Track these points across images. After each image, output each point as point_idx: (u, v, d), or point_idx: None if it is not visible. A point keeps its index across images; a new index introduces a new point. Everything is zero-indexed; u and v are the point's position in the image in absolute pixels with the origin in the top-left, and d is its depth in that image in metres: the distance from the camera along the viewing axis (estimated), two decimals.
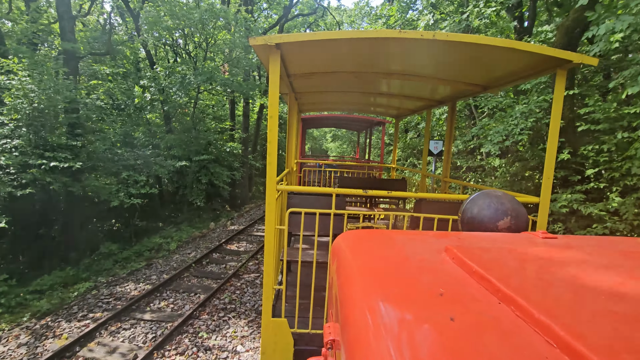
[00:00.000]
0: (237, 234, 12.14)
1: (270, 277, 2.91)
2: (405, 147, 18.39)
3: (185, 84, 13.91)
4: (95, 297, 7.25)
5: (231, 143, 17.32)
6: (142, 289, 7.65)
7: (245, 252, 10.34)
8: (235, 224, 14.28)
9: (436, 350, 0.60)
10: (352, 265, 1.04)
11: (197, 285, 7.90)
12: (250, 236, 12.24)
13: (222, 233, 12.74)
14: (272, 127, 2.76)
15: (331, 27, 24.73)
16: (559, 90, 2.88)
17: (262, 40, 2.53)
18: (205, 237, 12.36)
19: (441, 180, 5.60)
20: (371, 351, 0.60)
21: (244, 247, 10.88)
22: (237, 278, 8.34)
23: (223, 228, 13.57)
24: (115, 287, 7.83)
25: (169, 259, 9.90)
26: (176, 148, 14.74)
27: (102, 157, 10.62)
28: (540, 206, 2.98)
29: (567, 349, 0.53)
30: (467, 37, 2.73)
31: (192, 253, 10.30)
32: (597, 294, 0.74)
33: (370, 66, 3.80)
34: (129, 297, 7.26)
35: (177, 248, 11.15)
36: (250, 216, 15.87)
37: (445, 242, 1.14)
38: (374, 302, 0.76)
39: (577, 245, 1.20)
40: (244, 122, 19.57)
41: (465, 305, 0.74)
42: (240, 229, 12.82)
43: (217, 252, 10.22)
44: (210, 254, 9.93)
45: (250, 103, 20.74)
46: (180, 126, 15.78)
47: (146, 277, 8.41)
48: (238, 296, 7.42)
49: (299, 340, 2.93)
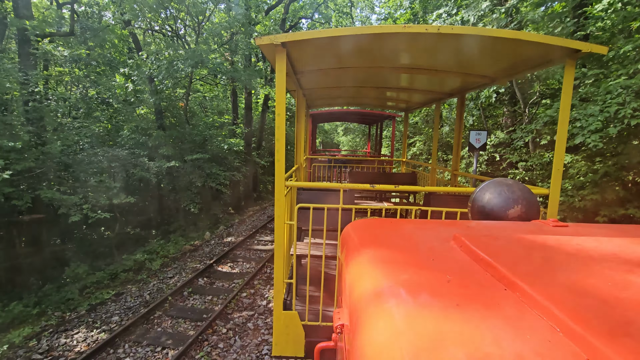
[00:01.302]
0: (233, 249, 10.10)
1: (281, 271, 2.95)
2: (427, 139, 16.43)
3: (172, 70, 11.86)
4: (24, 359, 5.30)
5: (232, 139, 15.27)
6: (93, 340, 5.68)
7: (240, 275, 8.29)
8: (233, 233, 12.25)
9: (442, 334, 0.59)
10: (361, 252, 1.05)
11: (169, 332, 5.87)
12: (249, 251, 10.17)
13: (217, 246, 10.73)
14: (280, 125, 2.80)
15: (341, 6, 22.27)
16: (568, 81, 2.83)
17: (267, 40, 2.56)
18: (196, 251, 10.39)
19: (451, 173, 5.47)
20: (379, 335, 0.62)
21: (239, 268, 8.82)
22: (223, 319, 6.27)
23: (219, 239, 11.57)
24: (62, 335, 5.88)
25: (145, 285, 7.93)
26: (166, 146, 12.78)
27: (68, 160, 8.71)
28: (551, 197, 2.93)
29: (570, 333, 0.55)
30: (472, 29, 2.82)
31: (174, 277, 8.31)
32: (604, 281, 0.73)
33: (376, 61, 3.77)
34: (70, 357, 5.28)
35: (160, 268, 9.20)
36: (252, 222, 13.83)
37: (453, 230, 1.14)
38: (382, 287, 0.78)
39: (588, 233, 1.15)
40: (246, 115, 17.46)
41: (472, 291, 0.74)
42: (238, 241, 10.78)
43: (205, 276, 8.19)
44: (196, 280, 7.91)
45: (254, 94, 18.63)
46: (173, 121, 13.80)
47: (107, 318, 6.44)
48: (220, 354, 5.35)
49: (310, 332, 2.95)
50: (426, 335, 0.59)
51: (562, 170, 2.96)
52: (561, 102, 2.85)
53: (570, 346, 0.53)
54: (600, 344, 0.49)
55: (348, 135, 32.39)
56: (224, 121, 15.08)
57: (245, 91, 16.09)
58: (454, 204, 3.41)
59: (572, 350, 0.52)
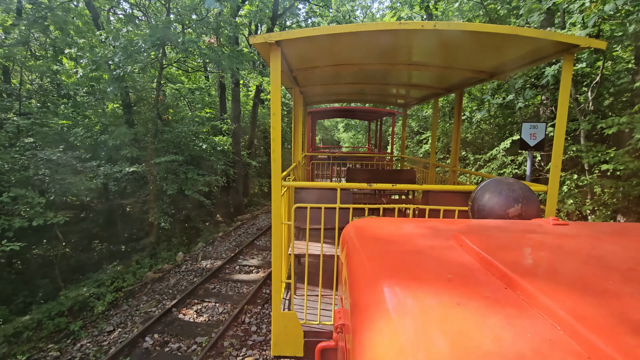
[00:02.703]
0: (206, 280, 7.70)
1: (279, 271, 2.90)
2: (442, 135, 14.49)
3: (132, 51, 9.42)
4: None
5: (219, 137, 12.85)
6: None
7: (207, 327, 5.88)
8: (212, 254, 9.83)
9: (442, 332, 0.59)
10: (360, 251, 1.05)
11: None
12: (225, 284, 7.73)
13: (187, 274, 8.33)
14: (275, 124, 2.77)
15: None
16: (567, 76, 2.76)
17: (261, 39, 2.54)
18: (161, 281, 8.00)
19: (449, 170, 5.43)
20: (379, 334, 0.62)
21: (207, 314, 6.40)
22: None
23: (193, 263, 9.18)
24: None
25: (68, 350, 5.54)
26: (130, 147, 10.37)
27: None
28: (549, 194, 2.86)
29: (570, 330, 0.54)
30: (469, 25, 2.73)
31: (114, 332, 5.92)
32: (604, 279, 0.72)
33: (372, 57, 3.73)
34: None
35: (106, 310, 6.83)
36: (238, 237, 11.42)
37: (454, 229, 1.14)
38: (382, 286, 0.77)
39: (588, 231, 1.16)
40: (233, 108, 14.96)
41: (472, 289, 0.73)
42: (215, 267, 8.38)
43: (157, 331, 5.78)
44: (141, 339, 5.52)
45: (244, 86, 16.16)
46: (146, 117, 11.37)
47: None
48: None
49: (309, 332, 2.93)
50: (426, 334, 0.58)
51: (560, 167, 2.86)
52: (559, 96, 2.78)
53: (571, 345, 0.53)
54: (601, 342, 0.49)
55: (349, 132, 31.16)
56: (207, 116, 12.60)
57: (232, 81, 13.60)
58: (453, 202, 3.31)
59: (573, 349, 0.52)
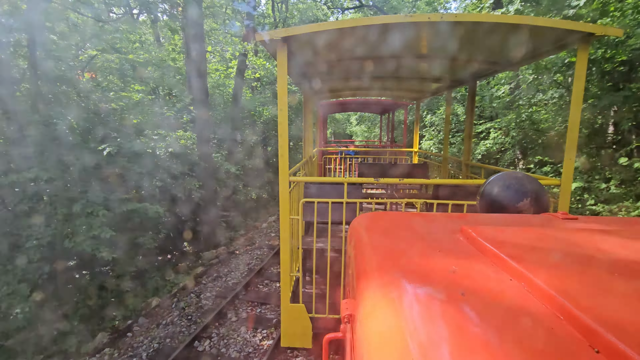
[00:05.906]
0: None
1: (287, 265, 2.94)
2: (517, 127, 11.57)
3: None
4: None
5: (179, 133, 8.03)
6: None
7: None
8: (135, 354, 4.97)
9: (446, 323, 0.59)
10: (368, 244, 1.06)
11: None
12: None
13: None
14: (282, 120, 2.75)
15: None
16: (582, 65, 2.71)
17: (268, 35, 2.50)
18: None
19: (462, 163, 5.41)
20: (384, 325, 0.62)
21: None
22: None
23: None
24: None
25: None
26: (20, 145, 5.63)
27: None
28: (562, 188, 2.87)
29: (574, 321, 0.54)
30: (478, 16, 2.58)
31: None
32: (611, 272, 0.72)
33: (382, 51, 3.70)
34: None
35: None
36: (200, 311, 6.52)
37: (461, 223, 1.13)
38: (388, 278, 0.78)
39: (597, 225, 1.15)
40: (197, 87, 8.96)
41: (477, 281, 0.73)
42: None
43: None
44: None
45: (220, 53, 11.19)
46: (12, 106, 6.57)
47: None
48: None
49: (317, 324, 2.98)
50: (430, 325, 0.59)
51: (574, 160, 2.79)
52: (574, 86, 2.72)
53: (574, 334, 0.53)
54: (604, 332, 0.49)
55: (362, 125, 29.42)
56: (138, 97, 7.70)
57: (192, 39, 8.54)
58: (464, 196, 3.26)
59: (576, 339, 0.52)
